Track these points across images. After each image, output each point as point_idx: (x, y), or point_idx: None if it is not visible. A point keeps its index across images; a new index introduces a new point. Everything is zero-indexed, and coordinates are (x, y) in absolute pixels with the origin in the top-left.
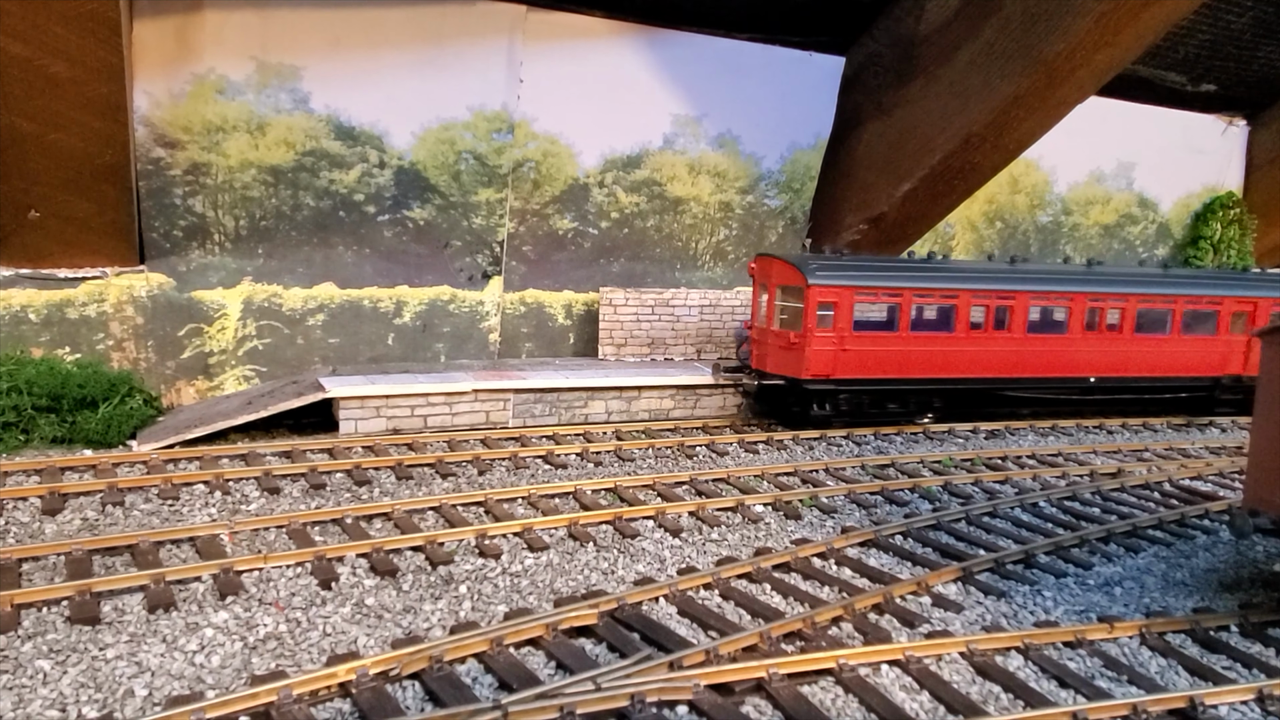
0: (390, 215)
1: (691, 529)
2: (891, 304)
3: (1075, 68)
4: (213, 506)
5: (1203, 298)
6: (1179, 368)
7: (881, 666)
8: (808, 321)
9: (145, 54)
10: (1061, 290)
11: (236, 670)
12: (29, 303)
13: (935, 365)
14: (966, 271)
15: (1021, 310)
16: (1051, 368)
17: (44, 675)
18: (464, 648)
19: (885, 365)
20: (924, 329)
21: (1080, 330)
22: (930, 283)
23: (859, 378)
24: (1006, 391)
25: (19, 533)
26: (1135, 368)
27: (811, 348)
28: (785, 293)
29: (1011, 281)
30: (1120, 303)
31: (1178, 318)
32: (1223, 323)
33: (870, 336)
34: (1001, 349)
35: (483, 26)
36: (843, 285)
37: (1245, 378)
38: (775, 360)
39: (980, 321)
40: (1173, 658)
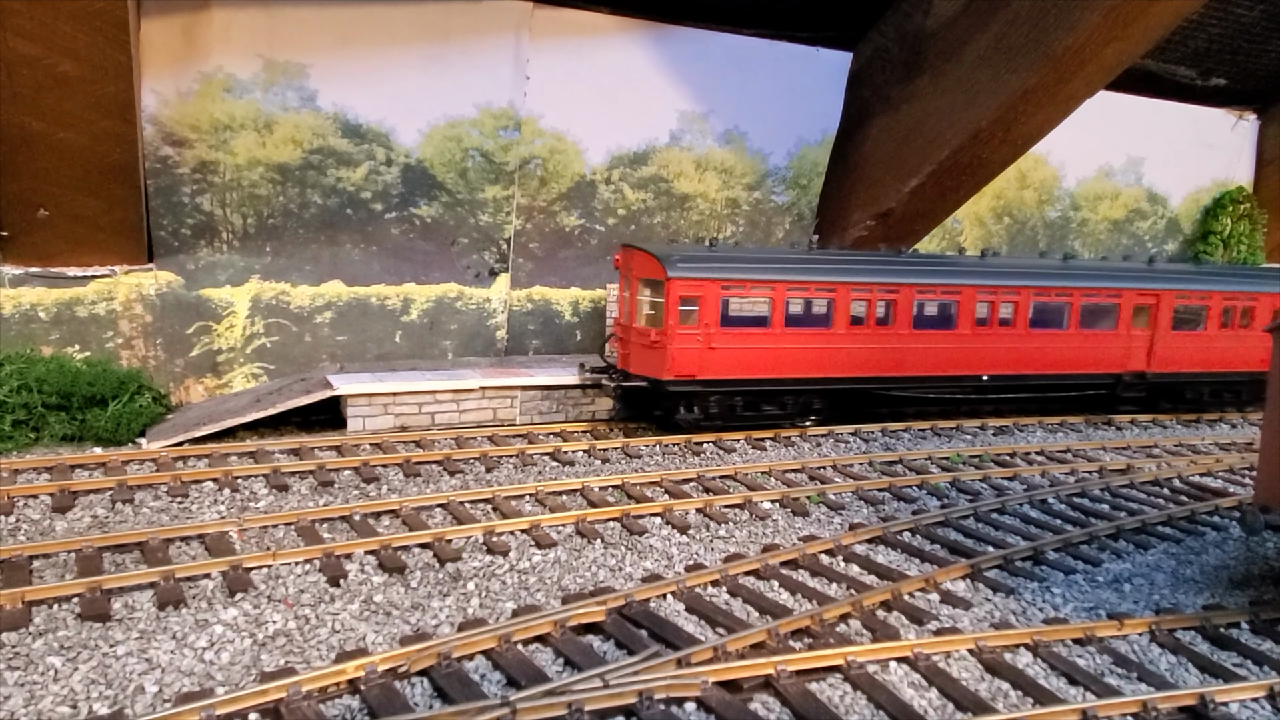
0: (397, 213)
1: (699, 526)
2: (763, 298)
3: (1084, 62)
4: (222, 504)
5: (1102, 290)
6: (1078, 364)
7: (890, 663)
8: (669, 318)
9: (153, 53)
10: (949, 283)
11: (246, 667)
12: (39, 301)
13: (814, 364)
14: (846, 263)
15: (906, 305)
16: (941, 366)
17: (55, 672)
18: (472, 644)
19: (758, 365)
20: (800, 325)
21: (971, 326)
22: (805, 275)
23: (729, 378)
24: (894, 391)
25: (30, 530)
26: (1031, 365)
27: (674, 346)
28: (647, 287)
29: (895, 274)
30: (1013, 296)
31: (1075, 311)
32: (1124, 316)
33: (740, 334)
34: (886, 346)
35: (489, 24)
36: (707, 278)
37: (1149, 374)
38: (638, 360)
39: (861, 317)
40: (1183, 655)
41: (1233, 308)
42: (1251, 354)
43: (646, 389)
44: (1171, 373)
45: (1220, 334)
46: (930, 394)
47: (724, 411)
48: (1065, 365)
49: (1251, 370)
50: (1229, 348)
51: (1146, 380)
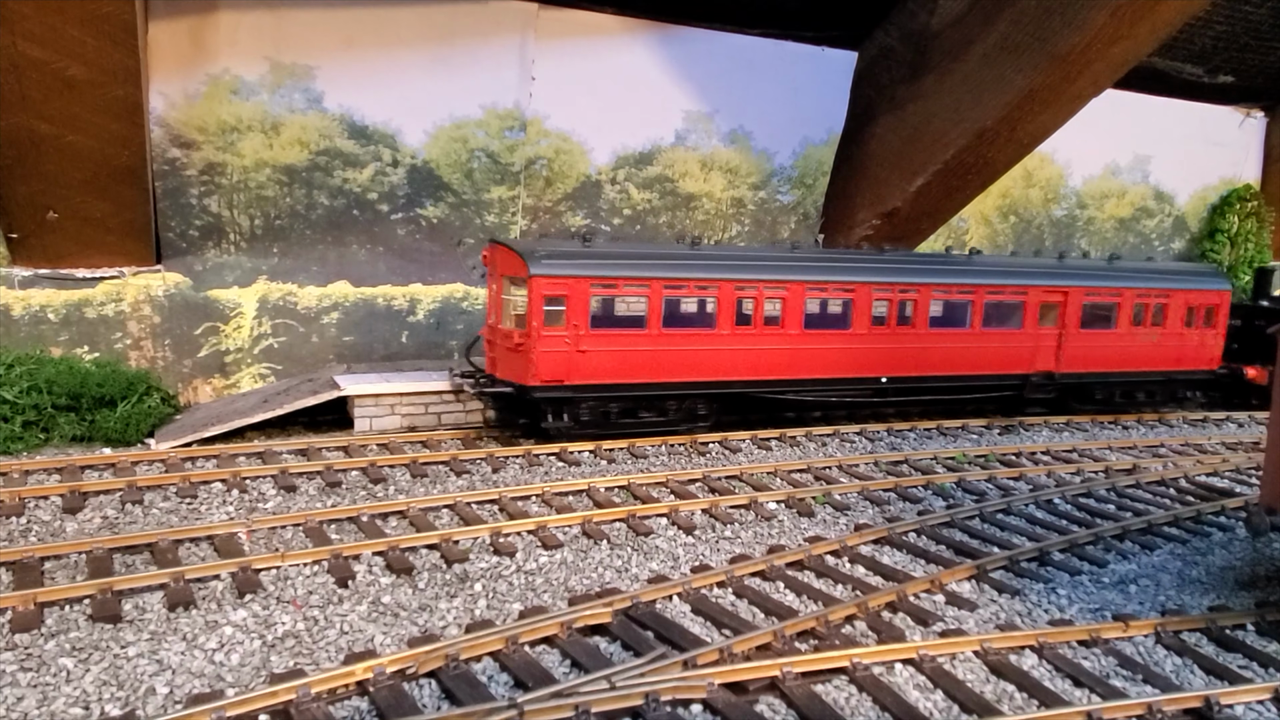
0: (404, 213)
1: (705, 526)
2: (638, 297)
3: (1090, 61)
4: (230, 505)
5: (1006, 288)
6: (982, 364)
7: (895, 665)
8: (533, 318)
9: (160, 55)
10: (843, 280)
11: (255, 668)
12: (48, 302)
13: (696, 367)
14: (729, 259)
15: (796, 303)
16: (835, 367)
17: (67, 673)
18: (480, 646)
19: (634, 368)
20: (680, 325)
21: (867, 325)
22: (685, 272)
23: (602, 383)
24: (786, 395)
25: (41, 531)
26: (933, 366)
27: (539, 349)
28: (512, 285)
29: (783, 270)
30: (912, 294)
31: (978, 310)
32: (1030, 314)
33: (614, 335)
34: (776, 347)
35: (495, 25)
36: (576, 276)
37: (1057, 374)
38: (504, 364)
39: (748, 316)
40: (1188, 657)
41: (1145, 305)
42: (1165, 353)
43: (513, 395)
44: (1081, 372)
45: (1132, 332)
46: (825, 397)
47: (598, 419)
48: (969, 366)
49: (1166, 369)
50: (1142, 346)
51: (1055, 381)
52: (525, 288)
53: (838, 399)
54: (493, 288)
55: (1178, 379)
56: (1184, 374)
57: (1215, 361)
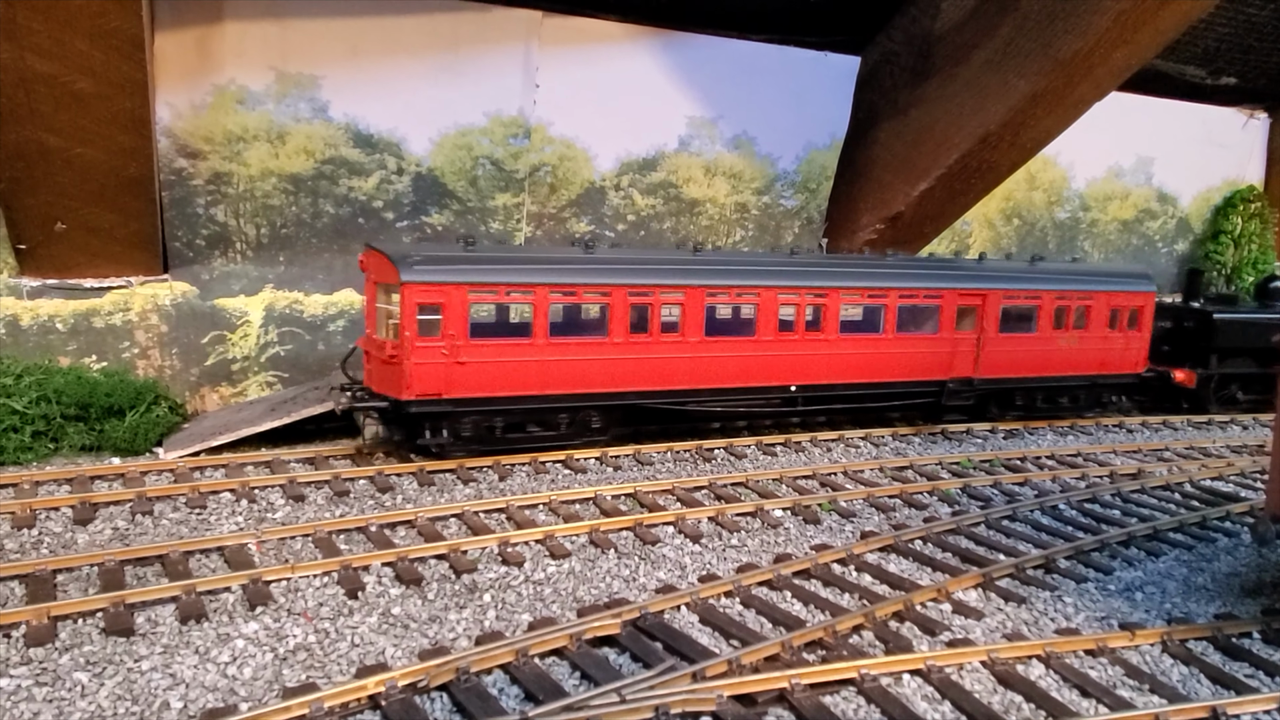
0: (409, 221)
1: (712, 535)
2: (522, 304)
3: (1093, 66)
4: (239, 515)
5: (919, 291)
6: (897, 371)
7: (903, 676)
8: (406, 328)
9: (167, 66)
10: (746, 285)
11: (268, 682)
12: (56, 312)
13: (588, 378)
14: (624, 264)
15: (696, 309)
16: (740, 376)
17: (82, 687)
18: (490, 659)
19: (519, 380)
20: (569, 334)
21: (773, 331)
22: (574, 277)
23: (484, 396)
24: (688, 405)
25: (52, 543)
26: (844, 373)
27: (412, 361)
28: (384, 292)
29: (681, 275)
30: (820, 298)
31: (891, 314)
32: (946, 319)
33: (496, 345)
34: (674, 355)
35: (499, 33)
36: (452, 282)
37: (976, 380)
38: (379, 377)
39: (643, 323)
40: (1195, 665)
41: (1066, 308)
42: (1088, 356)
43: (388, 410)
44: (1001, 378)
45: (1054, 336)
46: (730, 408)
47: (481, 434)
48: (882, 373)
49: (1089, 373)
50: (1064, 350)
51: (974, 387)
52: (398, 295)
53: (745, 409)
54: (368, 295)
55: (1102, 383)
56: (1108, 378)
57: (1141, 365)
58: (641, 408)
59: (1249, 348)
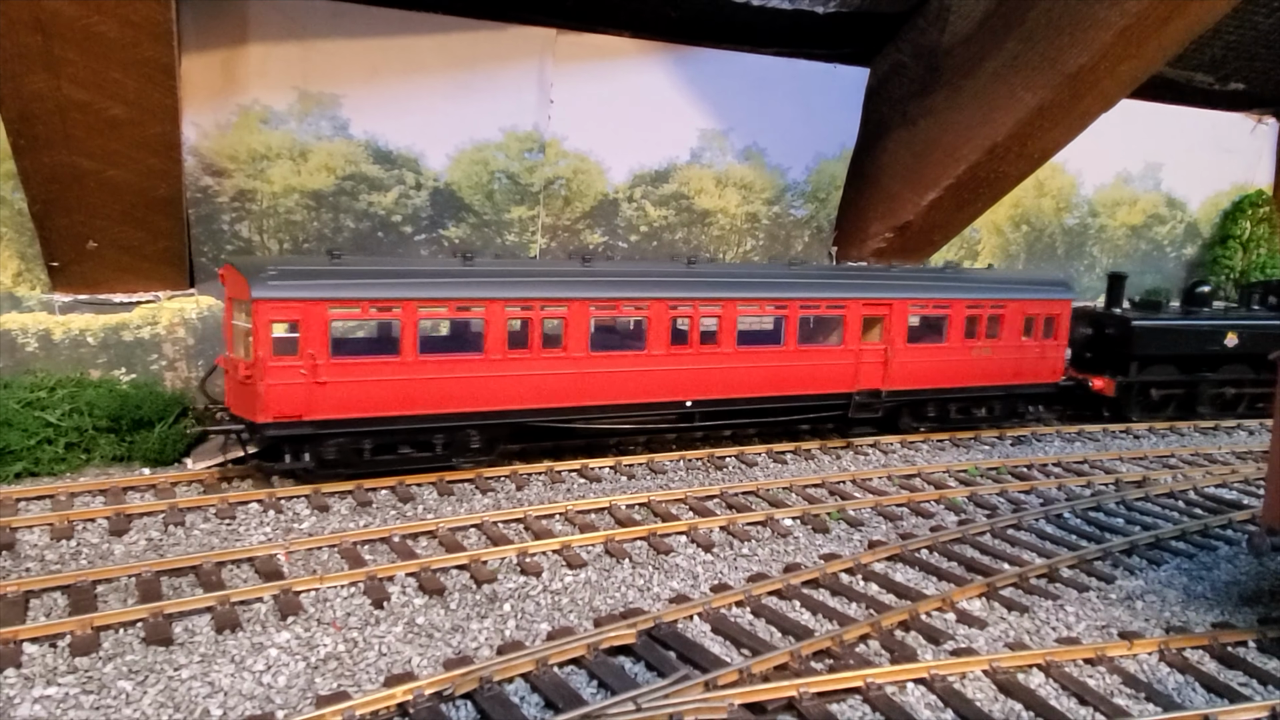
0: (427, 235)
1: (723, 544)
2: (388, 320)
3: (1099, 79)
4: (267, 525)
5: (823, 301)
6: (800, 384)
7: (907, 685)
8: (259, 347)
9: (193, 88)
10: (634, 297)
11: (302, 690)
12: (87, 327)
13: (464, 396)
14: (502, 276)
15: (580, 323)
16: (630, 392)
17: (127, 695)
18: (512, 668)
19: (388, 400)
20: (442, 351)
21: (665, 345)
22: (446, 291)
23: (349, 417)
24: (575, 423)
25: (90, 554)
26: (744, 387)
27: (268, 381)
28: (240, 309)
29: (564, 287)
30: (715, 310)
31: (792, 325)
32: (851, 329)
33: (361, 364)
34: (557, 371)
35: (514, 50)
36: (310, 298)
37: (884, 392)
38: (236, 398)
39: (523, 338)
40: (1191, 674)
41: (978, 316)
42: (1002, 366)
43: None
44: (911, 389)
45: (965, 345)
46: (621, 424)
47: (348, 457)
48: (785, 386)
49: (1004, 384)
50: (976, 360)
51: (882, 399)
52: (250, 312)
53: (637, 426)
54: (226, 312)
55: (1018, 393)
56: (1024, 388)
57: (1058, 374)
58: (525, 426)
59: (1172, 355)
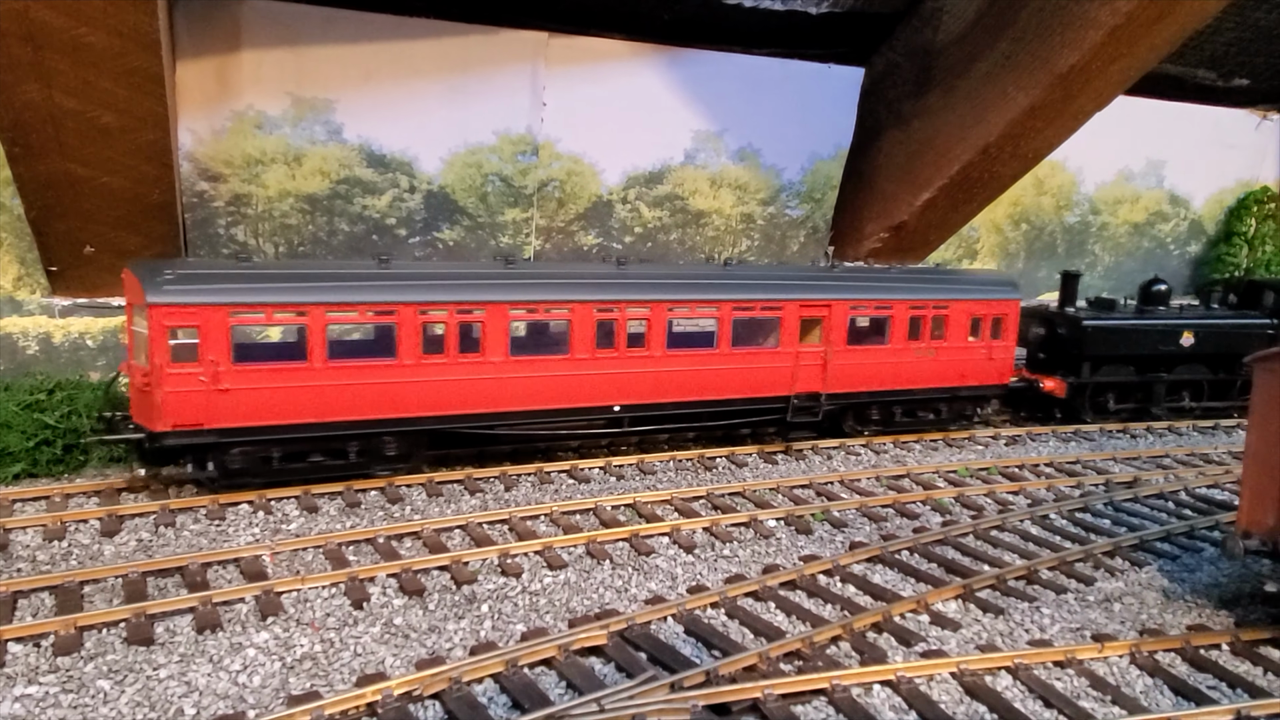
0: (421, 237)
1: (705, 545)
2: (295, 325)
3: (1091, 79)
4: (256, 526)
5: (757, 303)
6: (735, 388)
7: (874, 687)
8: (156, 354)
9: (188, 94)
10: (556, 299)
11: (275, 690)
12: (86, 329)
13: (377, 403)
14: (415, 279)
15: (499, 326)
16: (554, 397)
17: (104, 695)
18: (481, 669)
19: (295, 407)
20: (352, 356)
21: (589, 349)
22: (356, 295)
23: (255, 425)
24: (497, 429)
25: (80, 555)
26: (675, 391)
27: (166, 389)
28: (138, 315)
29: (481, 290)
30: (643, 312)
31: (725, 327)
32: (788, 331)
33: (266, 370)
34: (476, 377)
35: (506, 54)
36: (210, 303)
37: (824, 395)
38: (137, 406)
39: (439, 342)
40: (1160, 677)
41: (921, 317)
42: (948, 368)
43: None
44: (852, 392)
45: (908, 347)
46: (546, 430)
47: (254, 466)
48: (719, 390)
49: (950, 385)
50: (919, 362)
51: (821, 402)
52: (146, 317)
53: (564, 431)
54: (127, 318)
55: (965, 395)
56: (971, 390)
57: (1006, 375)
58: (443, 432)
59: (1125, 355)
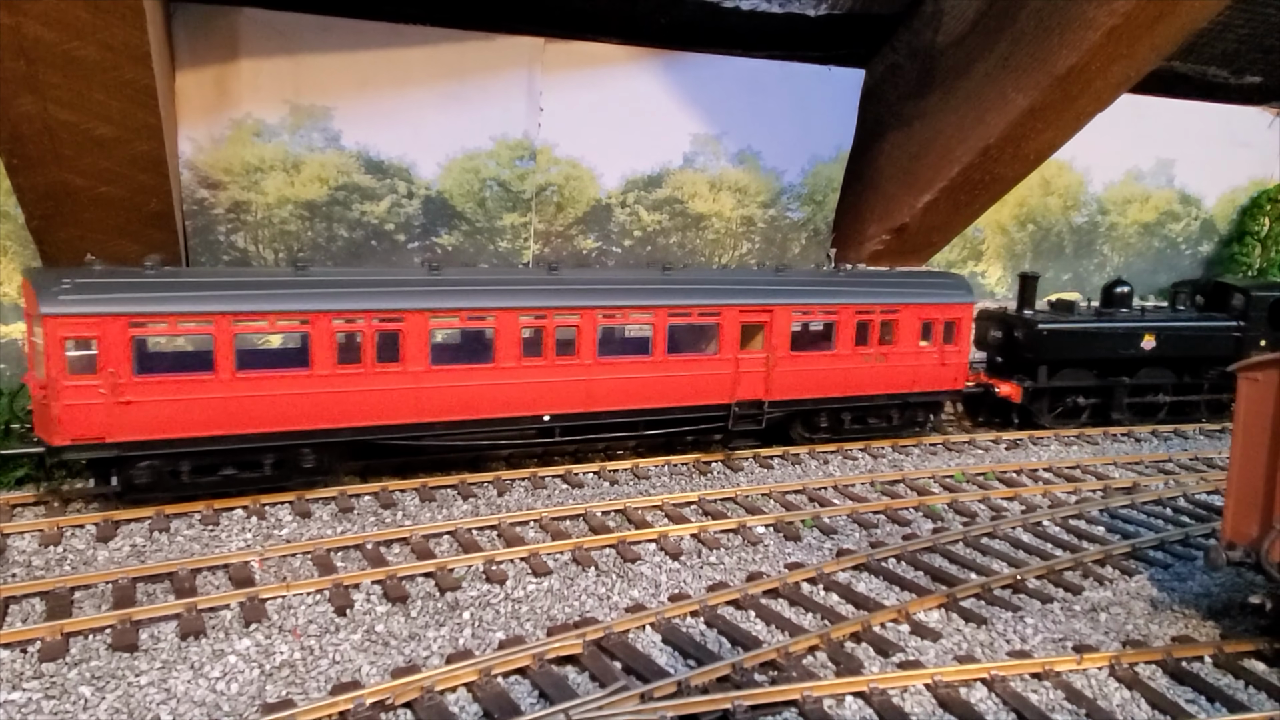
0: (420, 242)
1: (691, 552)
2: (201, 335)
3: (1090, 80)
4: (249, 532)
5: (694, 308)
6: (672, 396)
7: (846, 698)
8: (52, 365)
9: (187, 103)
10: (480, 307)
11: (251, 698)
12: None
13: (290, 414)
14: (329, 287)
15: (418, 334)
16: (481, 407)
17: (85, 701)
18: (454, 678)
19: (203, 419)
20: (264, 366)
21: (516, 357)
22: (266, 304)
23: (160, 438)
24: (423, 440)
25: (75, 560)
26: (609, 400)
27: (63, 402)
28: (35, 324)
29: (399, 297)
30: (572, 319)
31: (661, 334)
32: (727, 337)
33: (171, 382)
34: (395, 387)
35: (502, 60)
36: (108, 313)
37: (767, 403)
38: (38, 419)
39: (356, 352)
40: (1138, 691)
41: (869, 322)
42: (898, 373)
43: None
44: (796, 400)
45: (856, 353)
46: (472, 440)
47: (162, 479)
48: (655, 398)
49: (901, 392)
50: (868, 368)
51: (764, 410)
52: (41, 328)
53: (491, 442)
54: (27, 328)
55: (917, 401)
56: (923, 395)
57: (960, 380)
58: (363, 443)
59: (1084, 359)
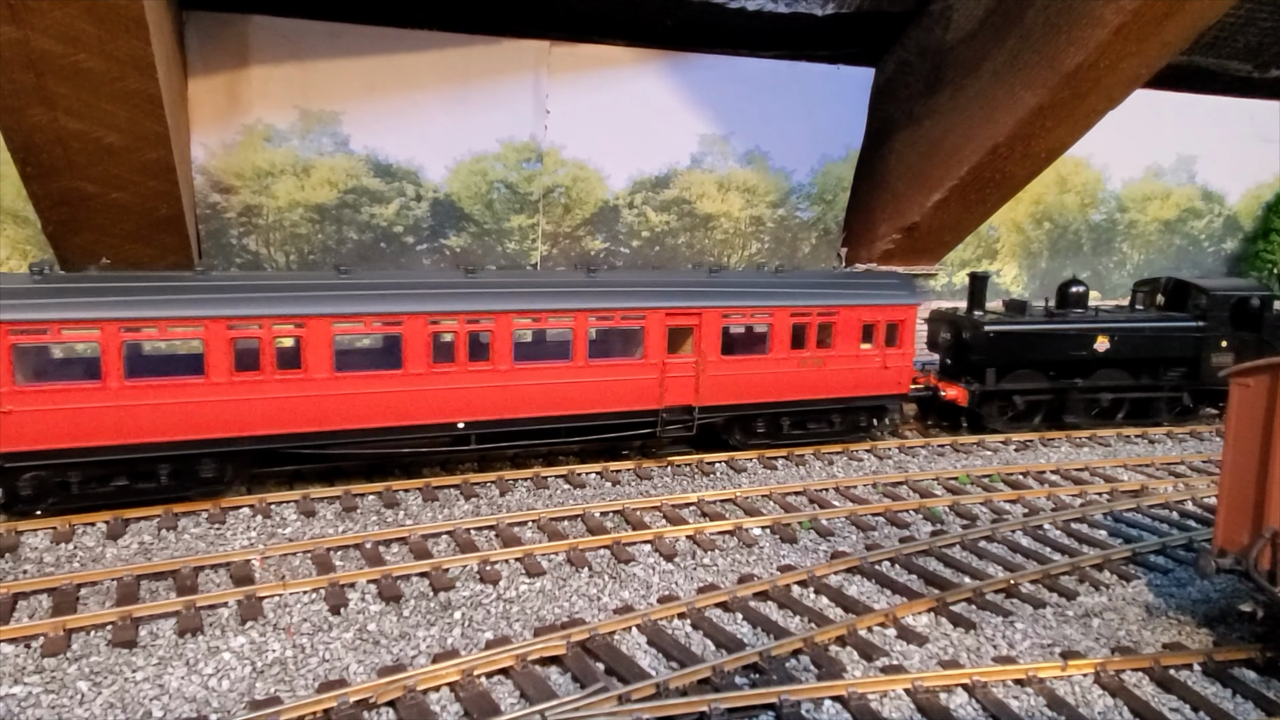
0: (428, 244)
1: (686, 554)
2: (89, 342)
3: (1100, 77)
4: (254, 530)
5: (616, 311)
6: (595, 402)
7: (824, 702)
8: None
9: (200, 110)
10: (385, 311)
11: (241, 694)
12: None
13: (185, 424)
14: (223, 291)
15: (320, 340)
16: (389, 414)
17: (82, 696)
18: (437, 678)
19: (91, 429)
20: (156, 374)
21: (425, 363)
22: (154, 310)
23: (45, 449)
24: (329, 449)
25: (84, 557)
26: (527, 406)
27: None
28: None
29: (299, 303)
30: (486, 323)
31: (581, 338)
32: (653, 341)
33: (55, 391)
34: (296, 395)
35: (509, 63)
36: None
37: (697, 409)
38: None
39: (253, 359)
40: (1121, 698)
41: (805, 325)
42: (838, 377)
43: None
44: (729, 405)
45: (792, 356)
46: (381, 449)
47: (50, 491)
48: (576, 404)
49: (842, 396)
50: (805, 372)
51: (694, 415)
52: None
53: (405, 449)
54: None
55: (858, 406)
56: (865, 400)
57: (905, 384)
58: (266, 453)
59: (1034, 361)
